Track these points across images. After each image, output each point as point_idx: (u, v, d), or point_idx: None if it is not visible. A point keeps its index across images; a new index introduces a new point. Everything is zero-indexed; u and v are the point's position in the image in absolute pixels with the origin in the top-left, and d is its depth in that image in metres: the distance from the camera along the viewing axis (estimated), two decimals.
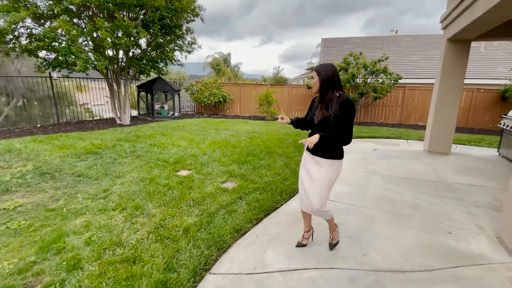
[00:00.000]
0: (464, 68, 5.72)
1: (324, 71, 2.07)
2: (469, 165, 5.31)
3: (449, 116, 5.99)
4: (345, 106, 2.02)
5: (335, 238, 2.52)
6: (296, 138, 7.23)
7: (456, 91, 5.86)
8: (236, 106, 13.06)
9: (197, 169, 4.42)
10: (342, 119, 2.02)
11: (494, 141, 7.82)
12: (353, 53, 10.01)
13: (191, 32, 9.63)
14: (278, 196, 3.52)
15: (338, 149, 2.16)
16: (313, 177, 2.20)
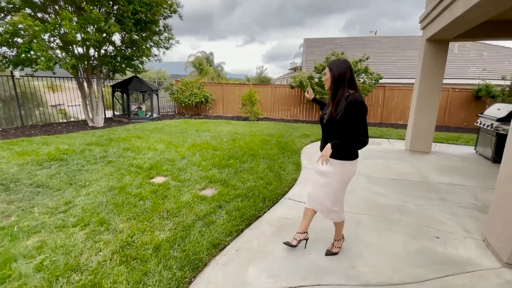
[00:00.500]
0: (443, 68, 5.79)
1: (337, 67, 1.98)
2: (449, 164, 5.36)
3: (429, 116, 6.05)
4: (353, 107, 1.89)
5: (336, 248, 2.40)
6: (280, 139, 7.06)
7: (435, 91, 5.93)
8: (219, 106, 12.72)
9: (174, 175, 4.11)
10: (350, 120, 1.92)
11: (470, 139, 8.06)
12: (335, 52, 10.02)
13: (169, 29, 9.20)
14: (261, 203, 3.30)
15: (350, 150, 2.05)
16: (324, 177, 2.13)
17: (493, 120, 5.34)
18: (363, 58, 9.80)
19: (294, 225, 2.87)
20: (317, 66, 10.23)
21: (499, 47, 15.42)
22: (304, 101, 11.56)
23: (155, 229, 2.66)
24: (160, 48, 9.68)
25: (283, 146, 6.29)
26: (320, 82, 10.24)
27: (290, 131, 8.53)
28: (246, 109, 11.02)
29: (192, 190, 3.61)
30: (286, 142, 6.74)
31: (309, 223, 2.40)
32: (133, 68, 9.30)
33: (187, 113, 12.06)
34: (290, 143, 6.71)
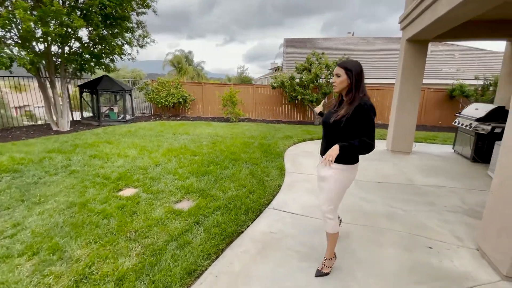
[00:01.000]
0: (423, 68, 5.81)
1: (355, 68, 1.89)
2: (431, 164, 5.37)
3: (410, 116, 6.06)
4: (361, 111, 1.82)
5: (327, 267, 2.17)
6: (262, 142, 6.80)
7: (416, 91, 5.94)
8: (199, 107, 12.25)
9: (146, 186, 3.70)
10: (361, 123, 1.84)
11: (446, 138, 8.27)
12: (315, 52, 9.93)
13: (143, 26, 8.62)
14: (243, 215, 3.00)
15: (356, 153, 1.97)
16: (324, 180, 2.05)
17: (471, 120, 5.41)
18: (343, 58, 9.79)
19: (280, 240, 2.61)
20: (298, 66, 10.09)
21: (470, 48, 16.23)
22: (286, 101, 11.40)
23: (119, 255, 2.27)
24: (134, 47, 9.08)
25: (266, 149, 6.03)
26: (301, 82, 10.10)
27: (272, 132, 8.31)
28: (227, 110, 10.66)
29: (165, 203, 3.24)
30: (269, 145, 6.49)
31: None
32: (103, 67, 8.62)
33: (164, 115, 11.47)
34: (273, 145, 6.47)
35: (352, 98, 1.87)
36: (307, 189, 3.92)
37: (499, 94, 5.83)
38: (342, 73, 1.89)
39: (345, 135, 1.88)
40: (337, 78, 1.92)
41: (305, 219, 3.03)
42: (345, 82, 1.89)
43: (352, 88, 1.88)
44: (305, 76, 9.87)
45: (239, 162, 4.98)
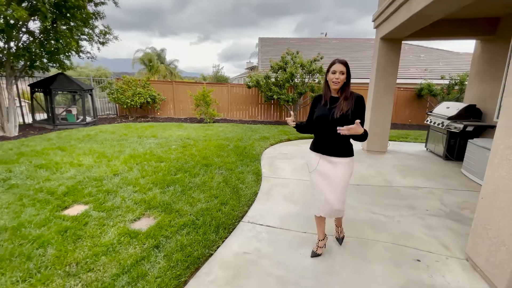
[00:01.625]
0: (396, 67, 5.78)
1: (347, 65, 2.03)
2: (406, 164, 5.34)
3: (384, 115, 6.02)
4: (361, 102, 2.03)
5: (342, 231, 2.56)
6: (238, 144, 6.42)
7: (389, 90, 5.91)
8: (170, 107, 11.55)
9: (98, 202, 3.15)
10: (359, 115, 2.00)
11: (417, 135, 8.47)
12: (290, 51, 9.73)
13: (102, 18, 7.81)
14: (213, 234, 2.60)
15: (351, 146, 2.14)
16: (330, 179, 2.10)
17: (443, 119, 5.47)
18: (317, 57, 9.70)
19: (255, 262, 2.25)
20: (273, 65, 9.83)
21: (434, 49, 17.10)
22: (262, 101, 11.10)
23: None
24: (94, 43, 8.24)
25: (241, 152, 5.66)
26: (277, 81, 9.84)
27: (248, 133, 7.95)
28: (200, 110, 10.11)
29: (120, 223, 2.74)
30: (244, 147, 6.12)
31: (324, 227, 2.39)
32: (58, 64, 7.71)
33: (131, 116, 10.64)
34: (249, 147, 6.12)
35: (349, 92, 2.03)
36: (285, 196, 3.61)
37: (469, 92, 5.98)
38: (345, 70, 1.99)
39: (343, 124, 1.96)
40: (342, 75, 1.98)
41: (283, 233, 2.71)
42: (345, 79, 2.01)
43: (347, 83, 2.04)
44: (280, 76, 9.63)
45: (212, 168, 4.56)
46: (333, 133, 1.96)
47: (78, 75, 21.73)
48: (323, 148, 2.09)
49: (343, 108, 1.96)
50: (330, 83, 2.03)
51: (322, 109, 2.07)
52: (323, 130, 2.07)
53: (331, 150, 2.07)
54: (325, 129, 2.04)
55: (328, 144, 2.06)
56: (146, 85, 10.41)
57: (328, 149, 2.07)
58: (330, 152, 2.07)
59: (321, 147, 2.12)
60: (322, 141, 2.11)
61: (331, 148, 2.06)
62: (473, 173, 4.44)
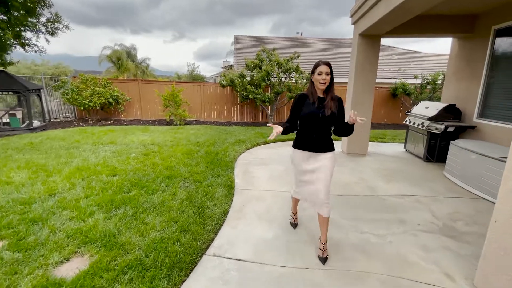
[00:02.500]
0: (376, 64, 5.50)
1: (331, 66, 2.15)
2: (388, 167, 5.07)
3: (364, 115, 5.72)
4: (342, 103, 2.22)
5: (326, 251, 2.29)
6: (209, 149, 5.80)
7: (369, 88, 5.62)
8: (136, 108, 10.58)
9: (17, 237, 2.40)
10: (342, 114, 2.20)
11: (394, 135, 8.38)
12: (266, 48, 9.24)
13: (49, 6, 6.78)
14: (164, 279, 1.98)
15: (332, 142, 2.24)
16: (318, 172, 2.14)
17: (423, 119, 5.27)
18: (294, 56, 9.33)
19: None
20: (248, 63, 9.29)
21: (405, 50, 17.58)
22: (238, 101, 10.51)
23: None
24: (41, 34, 7.17)
25: (213, 159, 5.06)
26: (253, 81, 9.31)
27: (223, 136, 7.34)
28: (170, 112, 9.30)
29: (40, 268, 2.04)
30: (217, 153, 5.52)
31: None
32: None
33: (91, 119, 9.56)
34: (222, 153, 5.52)
35: (333, 92, 2.15)
36: (260, 214, 3.08)
37: (446, 92, 5.87)
38: (329, 71, 2.09)
39: (335, 124, 2.20)
40: (327, 76, 2.08)
41: (257, 269, 2.17)
42: (329, 79, 2.11)
43: (332, 83, 2.13)
44: (256, 74, 9.12)
45: (176, 180, 3.91)
46: (322, 130, 2.12)
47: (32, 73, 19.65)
48: (311, 145, 2.16)
49: (332, 107, 2.08)
50: (317, 83, 2.10)
51: (310, 107, 2.11)
52: (312, 127, 2.14)
53: (319, 147, 2.15)
54: (314, 126, 2.13)
55: (316, 141, 2.14)
56: (107, 84, 9.39)
57: (316, 145, 2.15)
58: (318, 149, 2.15)
59: (309, 145, 2.17)
60: (310, 138, 2.16)
61: (319, 144, 2.15)
62: (456, 177, 4.22)
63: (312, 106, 2.11)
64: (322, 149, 2.17)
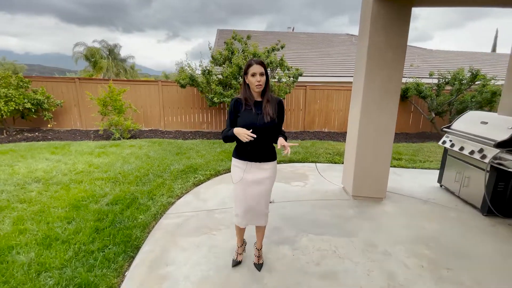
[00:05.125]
0: (403, 50, 3.25)
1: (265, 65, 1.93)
2: (426, 231, 2.84)
3: (384, 133, 3.45)
4: (282, 105, 2.03)
5: (262, 257, 2.29)
6: (126, 191, 3.49)
7: (393, 90, 3.35)
8: (74, 116, 8.14)
9: None
10: (281, 118, 2.02)
11: (411, 153, 6.15)
12: (238, 35, 6.90)
13: None
14: None
15: (274, 149, 2.07)
16: (258, 184, 1.99)
17: (484, 144, 3.05)
18: (276, 46, 7.05)
19: None
20: (215, 55, 6.96)
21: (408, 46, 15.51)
22: (207, 105, 8.15)
23: None
24: None
25: (112, 220, 2.80)
26: (225, 79, 6.95)
27: (169, 160, 5.02)
28: (109, 120, 6.89)
29: None
30: (133, 199, 3.25)
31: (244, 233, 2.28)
32: None
33: (7, 130, 7.08)
34: (143, 199, 3.31)
35: (269, 95, 1.95)
36: None
37: (507, 100, 3.66)
38: (264, 71, 1.89)
39: (275, 131, 1.97)
40: (262, 77, 1.88)
41: None
42: (265, 80, 1.91)
43: (267, 84, 1.93)
44: (224, 69, 6.80)
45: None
46: (262, 139, 1.92)
47: None
48: (252, 155, 1.97)
49: (270, 113, 1.90)
50: (253, 86, 1.90)
51: (248, 115, 1.92)
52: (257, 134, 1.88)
53: (260, 156, 1.98)
54: (258, 134, 1.86)
55: (257, 150, 1.96)
56: (24, 84, 6.93)
57: (257, 155, 1.98)
58: (258, 158, 1.98)
59: (249, 154, 1.97)
60: (250, 148, 1.95)
61: (260, 154, 1.97)
62: None
63: (249, 113, 1.91)
64: (264, 159, 1.98)
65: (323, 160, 5.52)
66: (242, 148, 1.97)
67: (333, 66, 12.53)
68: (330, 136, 8.19)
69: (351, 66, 12.20)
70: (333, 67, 12.36)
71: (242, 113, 1.92)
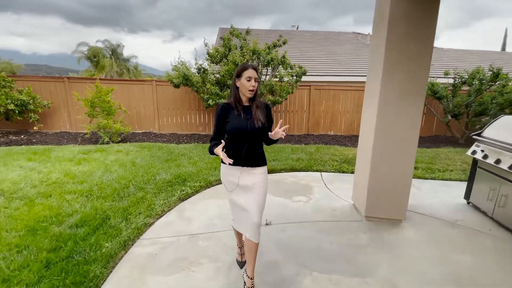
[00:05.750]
0: (432, 39, 2.66)
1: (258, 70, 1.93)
2: (460, 266, 2.24)
3: (404, 144, 2.87)
4: (270, 108, 2.00)
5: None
6: (99, 208, 2.97)
7: (417, 89, 2.76)
8: (63, 117, 7.68)
9: None
10: (270, 121, 1.99)
11: (427, 162, 5.52)
12: (236, 30, 6.34)
13: None
14: None
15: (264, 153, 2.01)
16: (252, 189, 1.89)
17: None
18: (278, 42, 6.48)
19: None
20: (211, 52, 6.42)
21: None
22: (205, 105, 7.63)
23: None
24: None
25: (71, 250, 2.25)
26: (222, 79, 6.40)
27: (155, 168, 4.49)
28: (98, 123, 6.39)
29: None
30: (104, 219, 2.75)
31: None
32: None
33: None
34: (116, 219, 2.80)
35: (258, 100, 1.91)
36: None
37: None
38: (257, 76, 1.85)
39: (264, 135, 1.93)
40: (256, 82, 1.83)
41: None
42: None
43: (257, 90, 1.90)
44: (220, 68, 6.26)
45: None
46: (253, 144, 1.89)
47: None
48: (244, 160, 1.88)
49: (260, 117, 1.85)
50: (245, 91, 1.82)
51: (237, 120, 1.84)
52: (242, 142, 1.86)
53: (252, 161, 1.90)
54: (245, 141, 1.86)
55: (248, 155, 1.88)
56: (7, 83, 6.47)
57: (249, 160, 1.89)
58: (250, 164, 1.90)
59: (241, 160, 1.87)
60: (241, 153, 1.86)
61: (252, 159, 1.90)
62: None
63: (238, 119, 1.84)
64: (255, 163, 1.91)
65: (329, 168, 4.93)
66: (235, 154, 1.86)
67: (339, 65, 11.91)
68: (336, 140, 7.59)
69: (358, 65, 11.56)
70: (339, 66, 11.74)
71: (231, 118, 1.85)
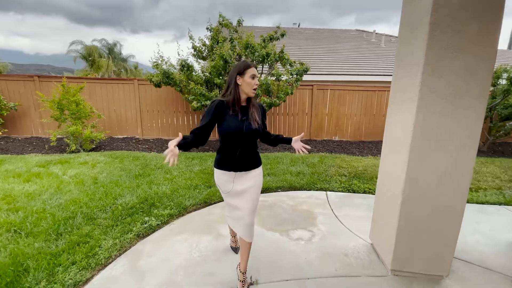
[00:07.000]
0: (499, 22, 1.75)
1: None
2: None
3: (456, 162, 1.96)
4: (265, 110, 1.97)
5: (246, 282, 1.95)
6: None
7: (477, 87, 1.85)
8: (34, 121, 6.81)
9: None
10: (264, 124, 1.95)
11: None
12: (226, 20, 5.43)
13: None
14: None
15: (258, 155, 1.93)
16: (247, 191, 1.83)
17: None
18: (275, 34, 5.57)
19: None
20: (196, 46, 5.51)
21: None
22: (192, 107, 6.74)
23: None
24: None
25: None
26: (210, 77, 5.49)
27: (117, 190, 3.60)
28: (67, 128, 5.49)
29: None
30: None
31: None
32: None
33: None
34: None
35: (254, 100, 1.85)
36: None
37: None
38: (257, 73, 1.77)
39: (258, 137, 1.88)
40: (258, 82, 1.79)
41: None
42: None
43: None
44: (208, 63, 5.36)
45: None
46: (248, 146, 1.82)
47: None
48: (239, 164, 1.81)
49: (257, 119, 1.78)
50: (249, 90, 1.74)
51: (234, 121, 1.74)
52: (237, 144, 1.78)
53: (247, 164, 1.83)
54: (240, 143, 1.78)
55: (244, 158, 1.82)
56: None
57: (244, 163, 1.83)
58: (246, 167, 1.83)
59: (236, 164, 1.81)
60: (236, 156, 1.80)
61: (247, 162, 1.83)
62: None
63: (235, 119, 1.74)
64: (249, 167, 1.85)
65: (336, 185, 4.02)
66: (229, 157, 1.79)
67: (344, 63, 10.99)
68: (342, 147, 6.68)
69: (364, 64, 10.65)
70: (343, 64, 10.82)
71: (227, 118, 1.74)
